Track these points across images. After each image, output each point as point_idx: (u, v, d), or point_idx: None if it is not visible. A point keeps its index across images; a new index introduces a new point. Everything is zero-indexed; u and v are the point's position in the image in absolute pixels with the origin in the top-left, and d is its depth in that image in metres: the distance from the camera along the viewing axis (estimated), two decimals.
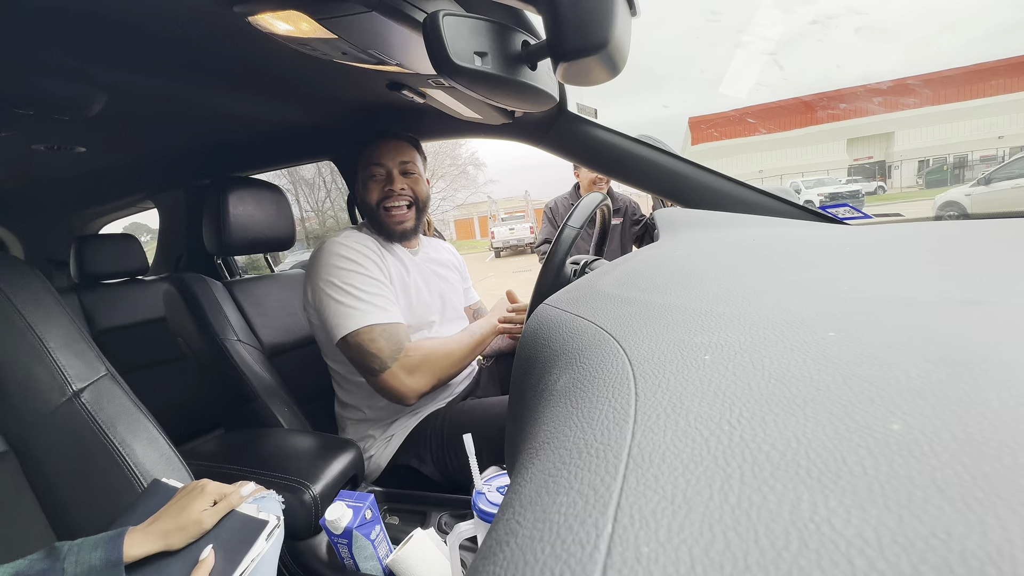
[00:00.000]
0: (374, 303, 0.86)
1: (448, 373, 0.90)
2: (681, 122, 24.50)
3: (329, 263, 0.89)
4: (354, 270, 0.88)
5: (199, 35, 0.66)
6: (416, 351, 0.87)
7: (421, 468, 0.93)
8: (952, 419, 0.13)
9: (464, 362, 0.93)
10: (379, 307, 0.86)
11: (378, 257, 0.94)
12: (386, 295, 0.89)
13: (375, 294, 0.88)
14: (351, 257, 0.89)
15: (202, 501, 0.52)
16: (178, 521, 0.49)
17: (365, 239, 0.96)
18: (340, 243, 0.92)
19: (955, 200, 5.43)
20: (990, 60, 25.27)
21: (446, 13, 0.45)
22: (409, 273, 1.00)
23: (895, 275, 0.28)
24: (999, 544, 0.09)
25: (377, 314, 0.85)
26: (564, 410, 0.21)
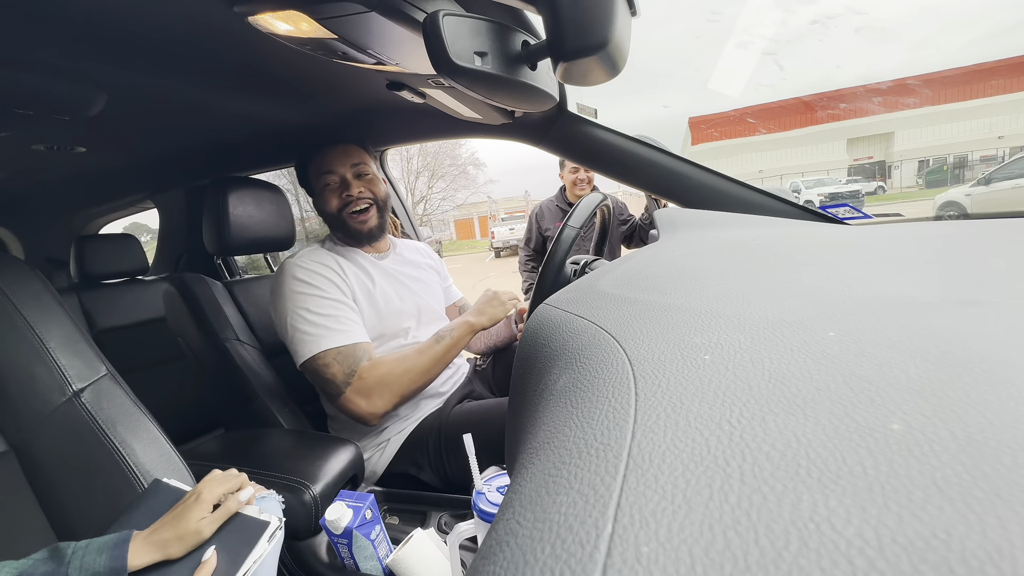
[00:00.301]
0: (328, 326, 0.84)
1: (411, 388, 0.87)
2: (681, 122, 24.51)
3: (285, 289, 0.88)
4: (309, 293, 0.87)
5: (199, 35, 0.66)
6: (371, 373, 0.83)
7: (420, 475, 0.92)
8: (952, 419, 0.13)
9: (431, 372, 0.89)
10: (333, 330, 0.84)
11: (337, 273, 0.92)
12: (343, 314, 0.87)
13: (330, 315, 0.86)
14: (305, 279, 0.88)
15: (199, 509, 0.52)
16: (176, 531, 0.49)
17: (323, 256, 0.94)
18: (296, 265, 0.90)
19: (955, 200, 5.43)
20: (990, 60, 25.27)
21: (446, 13, 0.45)
22: (375, 283, 0.98)
23: (895, 275, 0.28)
24: (999, 544, 0.09)
25: (330, 338, 0.83)
26: (564, 410, 0.21)
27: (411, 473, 0.93)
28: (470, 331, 0.93)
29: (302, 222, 11.87)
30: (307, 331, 0.84)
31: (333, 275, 0.91)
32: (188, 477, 0.67)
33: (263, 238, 1.17)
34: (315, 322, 0.84)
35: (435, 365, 0.89)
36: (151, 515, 0.56)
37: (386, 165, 1.46)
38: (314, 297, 0.86)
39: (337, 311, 0.86)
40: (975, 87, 19.22)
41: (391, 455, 0.94)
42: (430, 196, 22.02)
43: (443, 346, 0.90)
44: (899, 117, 20.09)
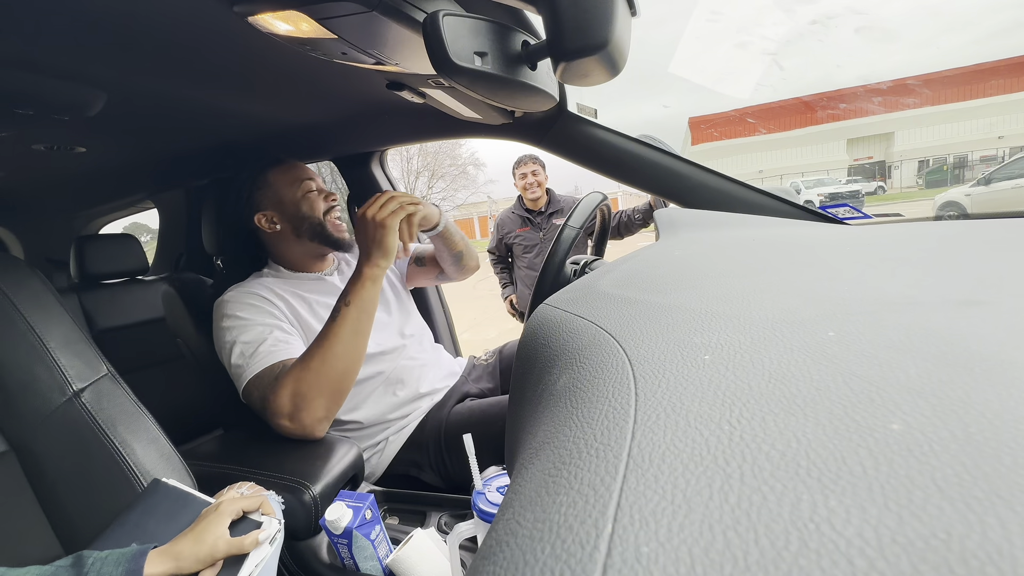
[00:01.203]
0: (247, 354, 0.80)
1: (335, 383, 0.77)
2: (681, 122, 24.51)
3: (215, 328, 0.86)
4: (233, 326, 0.83)
5: (199, 35, 0.66)
6: (280, 393, 0.76)
7: (420, 476, 0.92)
8: (952, 419, 0.13)
9: (349, 353, 0.77)
10: (251, 357, 0.80)
11: (265, 298, 0.87)
12: (265, 338, 0.81)
13: (250, 342, 0.81)
14: (230, 313, 0.84)
15: (218, 526, 0.52)
16: (193, 547, 0.50)
17: (252, 285, 0.90)
18: (223, 302, 0.87)
19: (955, 200, 5.43)
20: (990, 60, 25.29)
21: (446, 13, 0.45)
22: (312, 307, 0.93)
23: (895, 275, 0.28)
24: (999, 544, 0.09)
25: (250, 367, 0.79)
26: (564, 410, 0.21)
27: (412, 474, 0.93)
28: (371, 279, 0.79)
29: None
30: (235, 364, 0.81)
31: (260, 300, 0.87)
32: (188, 477, 0.67)
33: None
34: (240, 352, 0.81)
35: (348, 342, 0.77)
36: (151, 515, 0.56)
37: (386, 165, 1.46)
38: (237, 328, 0.83)
39: (259, 335, 0.81)
40: (975, 87, 19.23)
41: (390, 456, 0.94)
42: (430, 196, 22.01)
43: (344, 317, 0.78)
44: (899, 117, 20.10)
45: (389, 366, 0.97)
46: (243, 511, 0.55)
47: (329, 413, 0.79)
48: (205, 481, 0.67)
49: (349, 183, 1.46)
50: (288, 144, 1.27)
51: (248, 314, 0.84)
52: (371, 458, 0.94)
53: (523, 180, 2.08)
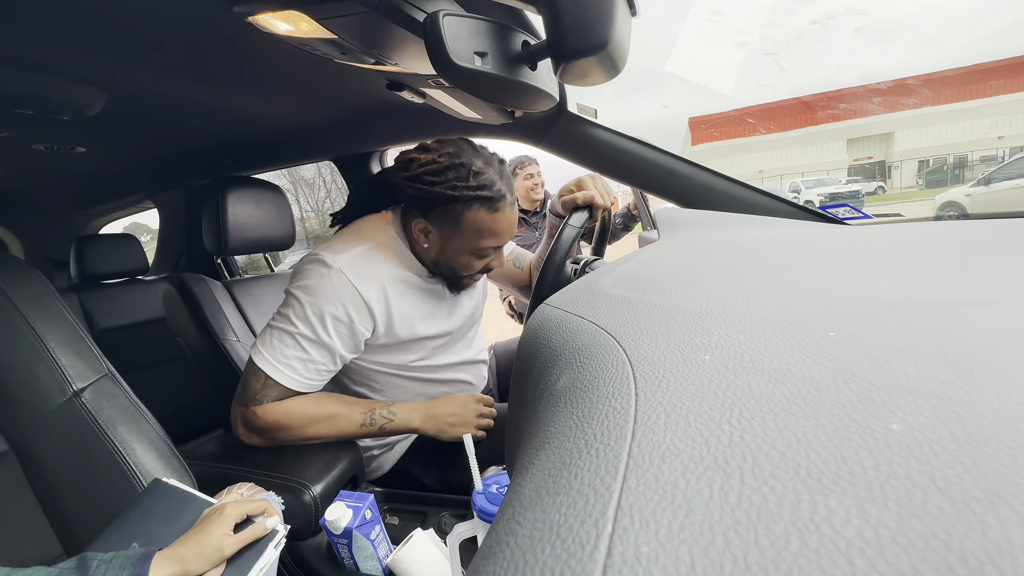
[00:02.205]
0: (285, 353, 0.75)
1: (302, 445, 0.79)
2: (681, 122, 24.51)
3: (301, 295, 0.75)
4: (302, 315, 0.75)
5: (199, 35, 0.66)
6: (270, 416, 0.75)
7: (423, 477, 0.93)
8: (952, 419, 0.13)
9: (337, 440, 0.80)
10: (285, 360, 0.75)
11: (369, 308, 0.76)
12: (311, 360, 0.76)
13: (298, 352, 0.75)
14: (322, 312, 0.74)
15: (222, 526, 0.52)
16: (199, 548, 0.50)
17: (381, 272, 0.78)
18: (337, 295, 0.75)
19: (955, 200, 5.43)
20: (990, 60, 25.29)
21: (446, 13, 0.45)
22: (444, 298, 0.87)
23: (895, 275, 0.28)
24: (999, 544, 0.09)
25: (275, 365, 0.75)
26: (564, 410, 0.21)
27: (415, 473, 0.93)
28: (406, 428, 0.80)
29: (302, 222, 11.85)
30: (274, 333, 0.76)
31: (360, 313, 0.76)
32: (188, 477, 0.67)
33: (263, 238, 1.17)
34: (283, 340, 0.75)
35: (341, 438, 0.80)
36: (151, 515, 0.56)
37: (385, 165, 1.46)
38: (307, 323, 0.75)
39: (312, 353, 0.75)
40: (975, 87, 19.23)
41: (398, 455, 0.94)
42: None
43: (363, 429, 0.79)
44: (899, 117, 20.11)
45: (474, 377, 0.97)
46: (248, 515, 0.55)
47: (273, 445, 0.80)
48: (205, 481, 0.67)
49: (349, 183, 1.46)
50: (288, 144, 1.28)
51: (321, 327, 0.75)
52: (380, 455, 0.95)
53: (529, 181, 2.10)
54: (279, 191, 1.22)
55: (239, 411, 0.78)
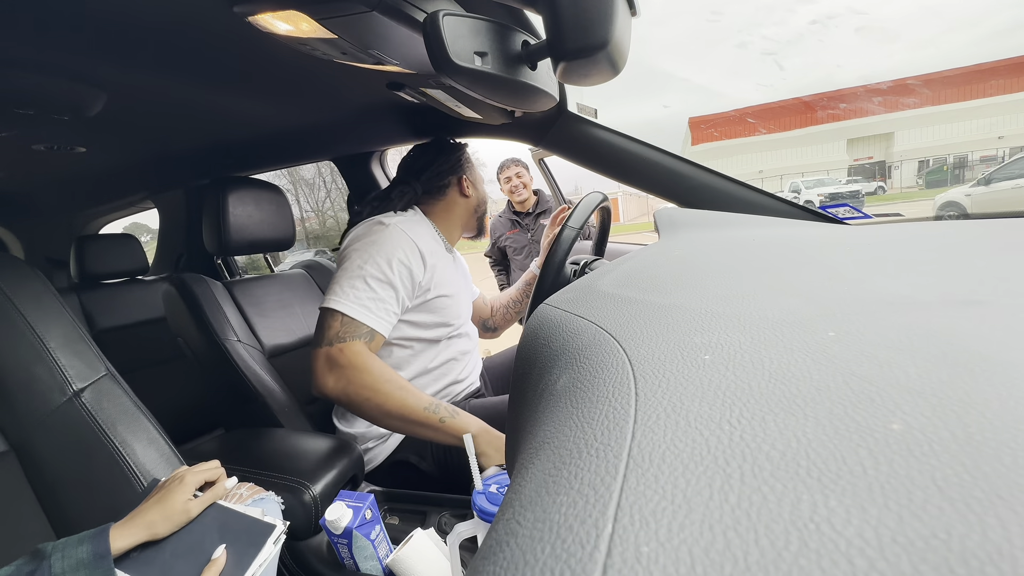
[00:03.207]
0: (360, 297, 0.84)
1: (366, 402, 0.81)
2: (681, 122, 24.54)
3: (367, 247, 0.87)
4: (377, 263, 0.86)
5: (199, 35, 0.66)
6: (351, 355, 0.80)
7: (420, 465, 0.93)
8: (952, 419, 0.13)
9: (392, 415, 0.81)
10: (361, 302, 0.84)
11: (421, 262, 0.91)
12: (383, 297, 0.86)
13: (372, 290, 0.85)
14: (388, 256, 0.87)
15: (184, 492, 0.52)
16: (163, 511, 0.50)
17: (424, 235, 0.95)
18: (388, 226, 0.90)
19: (955, 200, 5.43)
20: (990, 60, 25.29)
21: (446, 13, 0.45)
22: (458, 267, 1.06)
23: (895, 275, 0.28)
24: (999, 544, 0.09)
25: (353, 307, 0.83)
26: (564, 410, 0.21)
27: (412, 462, 0.94)
28: (462, 429, 0.81)
29: (302, 222, 11.78)
30: (343, 283, 0.85)
31: (416, 262, 0.90)
32: None
33: (263, 238, 1.17)
34: (355, 285, 0.85)
35: (403, 414, 0.81)
36: None
37: (386, 165, 1.46)
38: (376, 265, 0.86)
39: (382, 293, 0.86)
40: (975, 87, 19.23)
41: (394, 445, 0.95)
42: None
43: (425, 413, 0.81)
44: (899, 117, 20.10)
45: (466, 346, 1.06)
46: (206, 481, 0.55)
47: (335, 399, 0.83)
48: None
49: (349, 183, 1.46)
50: (288, 144, 1.28)
51: (390, 268, 0.87)
52: (375, 447, 0.96)
53: (508, 184, 2.12)
54: (279, 191, 1.22)
55: (322, 352, 0.82)
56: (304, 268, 1.37)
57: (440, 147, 1.04)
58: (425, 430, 0.81)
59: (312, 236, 11.38)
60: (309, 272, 1.35)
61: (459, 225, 1.07)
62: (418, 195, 1.02)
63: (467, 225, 1.09)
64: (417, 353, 0.97)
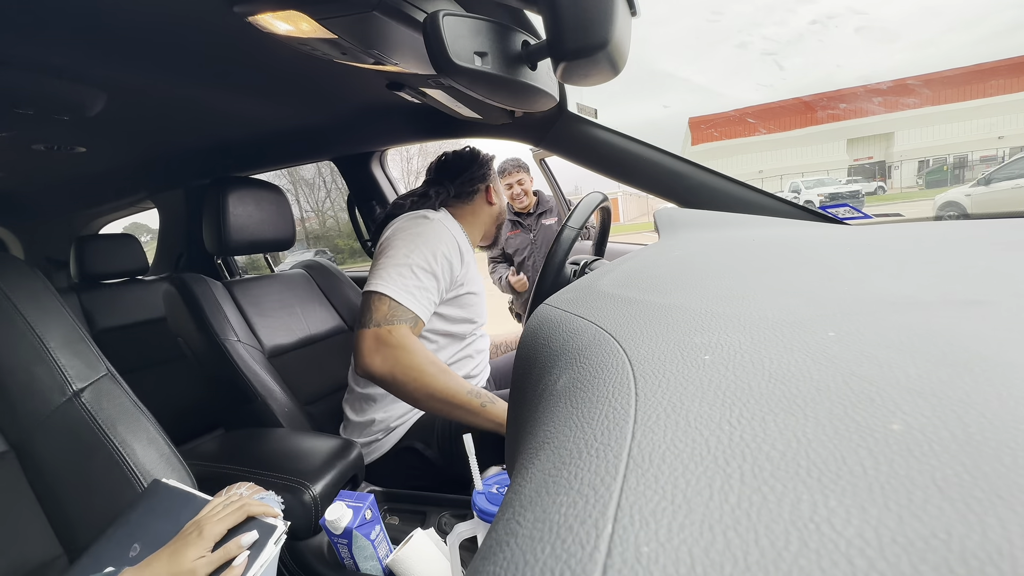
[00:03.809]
0: (407, 284, 0.87)
1: (411, 383, 0.82)
2: (681, 122, 24.55)
3: (412, 238, 0.91)
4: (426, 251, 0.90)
5: (199, 35, 0.66)
6: (399, 337, 0.83)
7: (425, 452, 0.95)
8: (952, 419, 0.13)
9: (435, 397, 0.82)
10: (407, 288, 0.87)
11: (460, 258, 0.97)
12: (427, 287, 0.90)
13: (417, 278, 0.89)
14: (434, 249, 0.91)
15: (198, 548, 0.50)
16: (171, 569, 0.49)
17: (455, 229, 1.00)
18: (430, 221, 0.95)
19: (955, 200, 5.42)
20: (990, 60, 25.30)
21: (446, 13, 0.45)
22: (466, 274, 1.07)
23: (895, 275, 0.28)
24: (999, 544, 0.09)
25: (400, 293, 0.86)
26: (564, 410, 0.21)
27: (418, 448, 0.95)
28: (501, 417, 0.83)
29: (302, 222, 11.77)
30: (390, 270, 0.88)
31: (455, 256, 0.96)
32: (188, 477, 0.67)
33: (263, 238, 1.17)
34: (401, 272, 0.87)
35: (446, 397, 0.82)
36: (152, 515, 0.56)
37: (386, 165, 1.46)
38: (422, 255, 0.90)
39: (426, 282, 0.90)
40: (975, 87, 19.22)
41: (401, 433, 0.97)
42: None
43: (468, 397, 0.83)
44: (899, 117, 20.10)
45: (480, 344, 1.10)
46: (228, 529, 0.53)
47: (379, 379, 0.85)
48: (205, 481, 0.67)
49: (349, 183, 1.46)
50: (288, 144, 1.28)
51: (440, 252, 0.92)
52: (381, 436, 0.97)
53: (509, 191, 2.09)
54: (279, 191, 1.22)
55: (370, 332, 0.84)
56: (304, 268, 1.37)
57: (474, 155, 1.10)
58: (466, 414, 0.83)
59: (312, 236, 11.37)
60: (309, 272, 1.35)
61: (481, 230, 1.12)
62: (450, 196, 1.07)
63: (487, 233, 1.14)
64: (441, 348, 1.00)
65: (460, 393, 0.83)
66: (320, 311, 1.27)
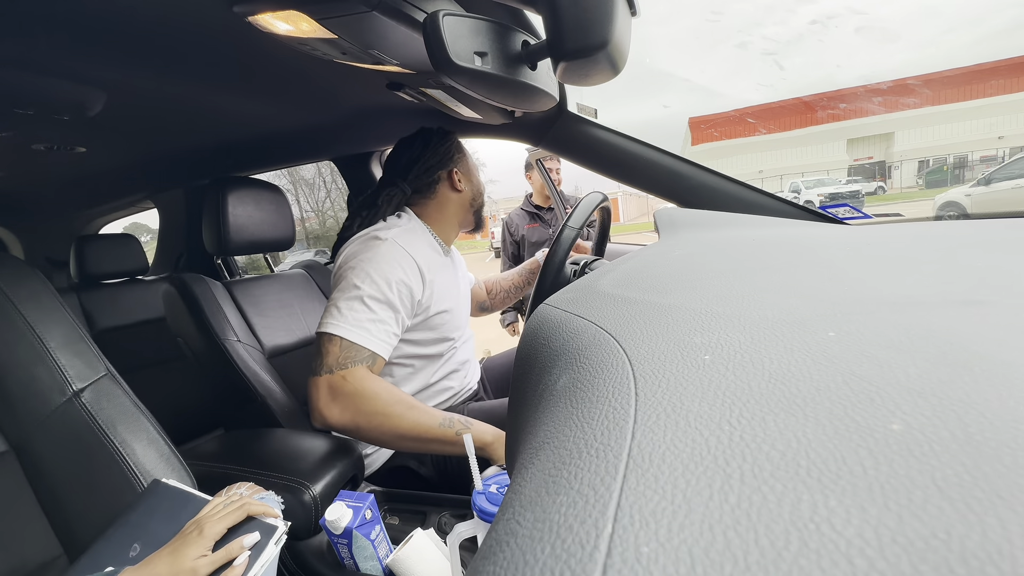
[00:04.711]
0: (359, 319, 0.80)
1: (375, 429, 0.78)
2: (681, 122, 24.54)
3: (364, 265, 0.82)
4: (375, 279, 0.81)
5: (199, 35, 0.66)
6: (355, 381, 0.76)
7: (420, 470, 0.93)
8: (952, 419, 0.13)
9: (404, 437, 0.79)
10: (360, 324, 0.80)
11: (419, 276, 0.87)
12: (381, 318, 0.81)
13: (370, 310, 0.81)
14: (387, 276, 0.82)
15: (199, 547, 0.50)
16: (172, 568, 0.48)
17: (422, 247, 0.90)
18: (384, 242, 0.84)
19: (955, 200, 5.42)
20: (990, 60, 25.29)
21: (446, 13, 0.45)
22: (457, 272, 1.03)
23: (895, 275, 0.28)
24: (999, 544, 0.09)
25: (351, 330, 0.79)
26: (564, 410, 0.21)
27: (411, 467, 0.93)
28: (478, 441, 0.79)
29: (302, 222, 11.78)
30: (340, 305, 0.80)
31: (415, 279, 0.86)
32: (188, 477, 0.67)
33: (263, 238, 1.17)
34: (352, 307, 0.80)
35: (418, 434, 0.78)
36: (152, 515, 0.56)
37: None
38: (374, 285, 0.81)
39: (381, 314, 0.81)
40: (975, 87, 19.21)
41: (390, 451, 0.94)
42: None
43: (441, 429, 0.79)
44: (899, 117, 20.09)
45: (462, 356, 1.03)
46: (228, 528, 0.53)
47: (342, 430, 0.79)
48: (205, 481, 0.67)
49: (349, 183, 1.46)
50: (288, 144, 1.27)
51: (389, 288, 0.82)
52: (371, 450, 0.95)
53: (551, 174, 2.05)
54: (279, 191, 1.22)
55: (322, 380, 0.77)
56: (304, 268, 1.37)
57: (425, 139, 0.96)
58: (442, 446, 0.79)
59: (312, 236, 11.38)
60: (309, 272, 1.35)
61: (455, 223, 1.01)
62: (407, 195, 0.95)
63: (463, 221, 1.03)
64: (418, 370, 0.94)
65: (431, 427, 0.78)
66: (320, 311, 1.26)
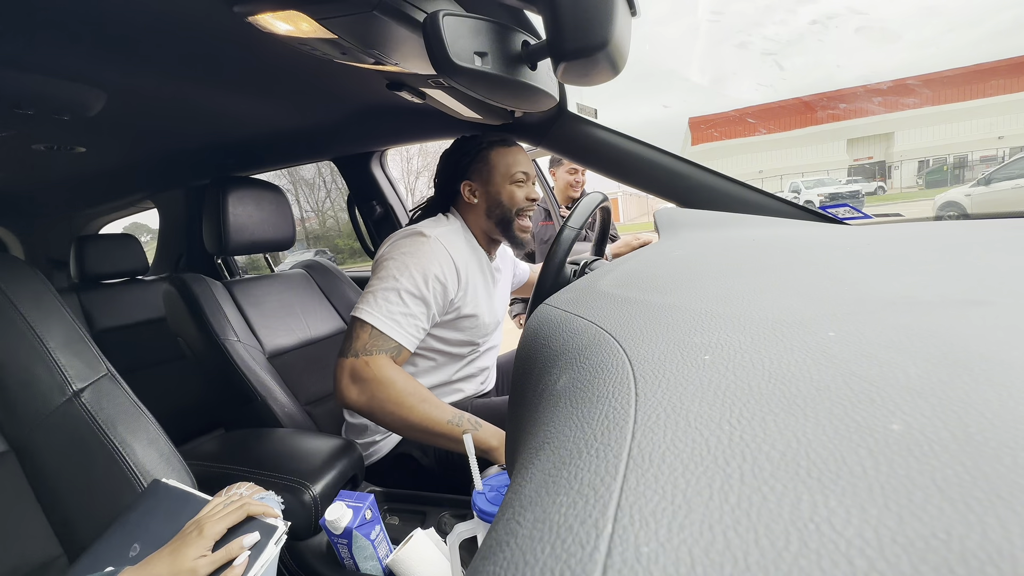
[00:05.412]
0: (391, 310, 0.83)
1: (388, 415, 0.80)
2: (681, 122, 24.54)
3: (404, 258, 0.85)
4: (413, 273, 0.84)
5: (199, 35, 0.66)
6: (378, 368, 0.80)
7: (422, 460, 0.94)
8: (952, 419, 0.13)
9: (414, 427, 0.81)
10: (391, 315, 0.83)
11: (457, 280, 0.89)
12: (413, 313, 0.84)
13: (402, 304, 0.83)
14: (425, 272, 0.85)
15: (199, 546, 0.50)
16: (171, 568, 0.48)
17: (462, 248, 0.92)
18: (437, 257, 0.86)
19: (955, 200, 5.42)
20: (990, 60, 25.31)
21: (446, 13, 0.45)
22: (496, 285, 1.02)
23: (895, 275, 0.28)
24: (999, 544, 0.09)
25: (382, 319, 0.82)
26: (564, 410, 0.21)
27: (415, 456, 0.94)
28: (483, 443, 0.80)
29: (302, 222, 11.77)
30: (377, 295, 0.83)
31: (451, 278, 0.88)
32: (188, 477, 0.67)
33: (263, 238, 1.17)
34: (388, 298, 0.83)
35: (426, 427, 0.81)
36: (152, 515, 0.56)
37: (386, 165, 1.46)
38: (412, 279, 0.84)
39: (413, 308, 0.84)
40: (975, 87, 19.21)
41: (398, 438, 0.96)
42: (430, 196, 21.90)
43: (449, 426, 0.80)
44: (899, 117, 20.09)
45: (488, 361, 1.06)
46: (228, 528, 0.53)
47: (358, 410, 0.82)
48: (205, 481, 0.67)
49: (349, 183, 1.46)
50: (288, 144, 1.28)
51: (424, 284, 0.85)
52: (379, 438, 0.96)
53: (572, 176, 2.03)
54: (279, 191, 1.22)
55: (347, 362, 0.81)
56: (304, 268, 1.37)
57: (454, 146, 0.98)
58: (448, 442, 0.80)
59: (312, 236, 11.38)
60: (309, 272, 1.35)
61: (480, 232, 0.99)
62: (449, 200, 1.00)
63: (488, 230, 0.99)
64: (439, 365, 0.97)
65: (440, 423, 0.80)
66: (320, 311, 1.27)
